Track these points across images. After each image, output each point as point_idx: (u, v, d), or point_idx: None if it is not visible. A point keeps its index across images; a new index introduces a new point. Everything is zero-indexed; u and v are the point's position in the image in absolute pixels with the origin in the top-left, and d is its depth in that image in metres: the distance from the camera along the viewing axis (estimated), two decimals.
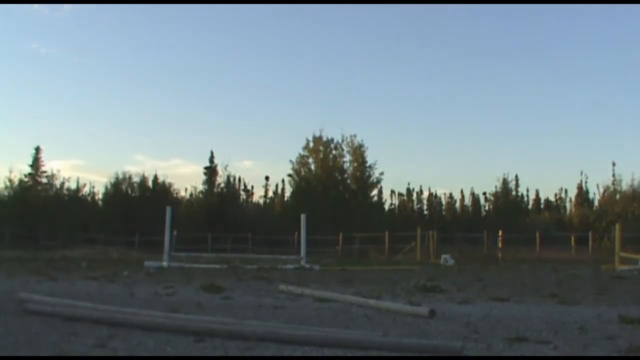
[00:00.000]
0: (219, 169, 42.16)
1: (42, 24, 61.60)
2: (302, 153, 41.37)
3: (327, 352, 3.61)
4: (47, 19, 60.03)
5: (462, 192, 49.16)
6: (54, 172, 42.54)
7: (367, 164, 40.91)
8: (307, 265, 15.85)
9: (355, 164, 40.89)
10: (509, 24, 60.05)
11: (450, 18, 60.74)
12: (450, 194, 49.47)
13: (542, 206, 48.38)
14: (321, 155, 40.82)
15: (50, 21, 60.94)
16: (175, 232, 21.34)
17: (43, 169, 42.12)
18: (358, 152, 40.91)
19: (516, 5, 53.21)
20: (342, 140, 41.18)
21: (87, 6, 55.51)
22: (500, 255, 25.50)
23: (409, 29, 62.63)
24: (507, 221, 35.05)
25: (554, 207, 47.60)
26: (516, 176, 45.51)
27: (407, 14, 60.39)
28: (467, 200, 49.06)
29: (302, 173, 41.18)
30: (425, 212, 48.19)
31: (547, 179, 66.28)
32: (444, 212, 48.64)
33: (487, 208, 47.54)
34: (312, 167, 41.30)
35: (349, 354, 3.56)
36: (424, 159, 61.82)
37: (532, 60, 60.77)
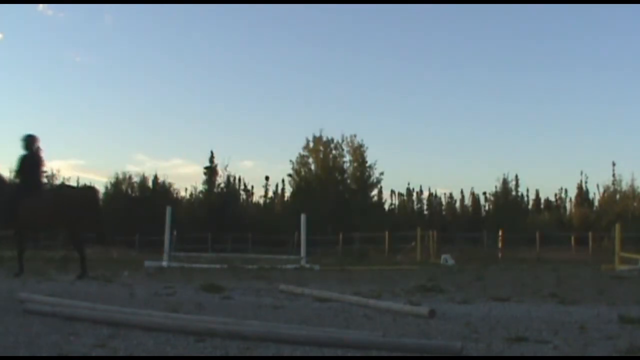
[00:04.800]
0: (219, 169, 42.22)
1: (43, 24, 61.64)
2: (302, 153, 41.48)
3: (327, 352, 3.61)
4: (48, 19, 60.07)
5: (462, 192, 49.19)
6: (54, 172, 42.59)
7: (367, 164, 40.98)
8: (307, 265, 15.84)
9: (355, 164, 40.95)
10: (508, 24, 60.09)
11: (448, 18, 60.78)
12: (450, 194, 49.51)
13: (542, 206, 48.39)
14: (321, 155, 40.87)
15: (52, 21, 60.98)
16: (175, 232, 21.34)
17: (43, 168, 42.15)
18: (358, 152, 40.98)
19: (515, 5, 53.23)
20: (342, 140, 41.29)
21: (87, 6, 55.57)
22: (500, 255, 25.50)
23: (409, 28, 62.66)
24: (507, 221, 35.06)
25: (554, 207, 47.62)
26: (516, 176, 45.54)
27: (406, 14, 60.42)
28: (467, 200, 49.08)
29: (302, 173, 41.24)
30: (425, 212, 48.20)
31: (547, 179, 66.43)
32: (444, 212, 48.64)
33: (487, 208, 47.56)
34: (312, 167, 41.35)
35: (349, 354, 3.56)
36: (424, 159, 61.89)
37: (532, 60, 60.81)
